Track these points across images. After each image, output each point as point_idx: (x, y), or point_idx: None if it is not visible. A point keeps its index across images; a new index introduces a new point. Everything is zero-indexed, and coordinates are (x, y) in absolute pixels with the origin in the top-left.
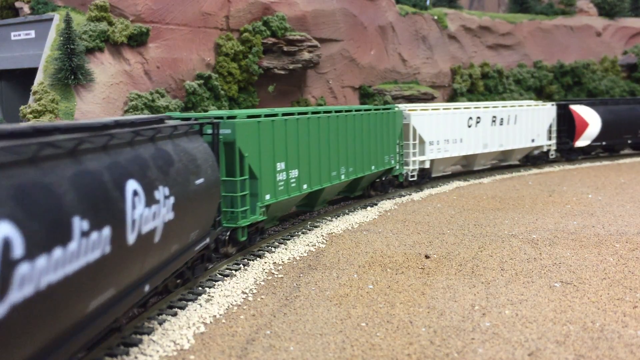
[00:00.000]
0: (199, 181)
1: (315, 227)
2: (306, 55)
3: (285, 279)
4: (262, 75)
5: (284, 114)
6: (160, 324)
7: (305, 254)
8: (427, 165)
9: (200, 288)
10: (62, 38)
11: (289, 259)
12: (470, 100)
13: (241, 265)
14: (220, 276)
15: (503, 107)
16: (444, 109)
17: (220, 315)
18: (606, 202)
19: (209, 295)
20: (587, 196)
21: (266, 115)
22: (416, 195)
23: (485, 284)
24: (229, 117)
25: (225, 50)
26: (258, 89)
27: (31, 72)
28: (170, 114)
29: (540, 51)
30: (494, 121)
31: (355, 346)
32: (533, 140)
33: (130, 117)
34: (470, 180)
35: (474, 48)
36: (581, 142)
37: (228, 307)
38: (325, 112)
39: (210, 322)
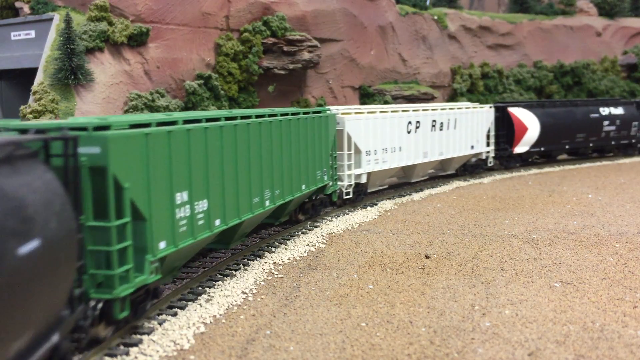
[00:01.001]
0: (29, 247)
1: (315, 227)
2: (306, 55)
3: (285, 279)
4: (262, 75)
5: (186, 121)
6: (160, 324)
7: (305, 254)
8: (363, 179)
9: (200, 288)
10: (62, 38)
11: (289, 259)
12: (470, 100)
13: (241, 265)
14: (220, 276)
15: (442, 109)
16: (380, 111)
17: (220, 315)
18: (606, 202)
19: (208, 295)
20: (587, 196)
21: (159, 124)
22: (416, 195)
23: (485, 284)
24: (98, 128)
25: (225, 50)
26: (258, 89)
27: (31, 72)
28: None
29: (540, 51)
30: (433, 126)
31: (355, 346)
32: (472, 147)
33: None
34: (470, 180)
35: (474, 48)
36: (520, 148)
37: (228, 307)
38: (243, 117)
39: (210, 322)
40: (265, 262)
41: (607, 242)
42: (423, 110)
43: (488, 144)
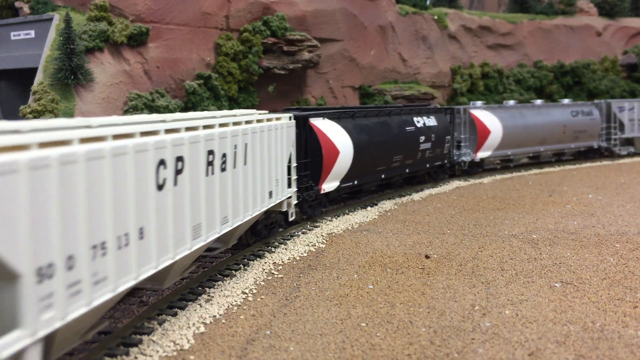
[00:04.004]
0: None
1: (315, 227)
2: (306, 55)
3: (285, 279)
4: (262, 75)
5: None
6: (160, 324)
7: (305, 254)
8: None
9: (200, 288)
10: (62, 38)
11: (289, 259)
12: (470, 100)
13: (241, 266)
14: (220, 276)
15: (223, 124)
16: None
17: (220, 315)
18: (606, 202)
19: (208, 295)
20: (587, 196)
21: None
22: (416, 195)
23: (486, 284)
24: None
25: (225, 50)
26: (258, 89)
27: (31, 72)
28: None
29: (541, 51)
30: (210, 164)
31: (355, 346)
32: (271, 194)
33: None
34: (470, 180)
35: (474, 48)
36: (329, 184)
37: (228, 307)
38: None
39: (210, 322)
40: (265, 262)
41: (608, 242)
42: (186, 128)
43: (290, 183)
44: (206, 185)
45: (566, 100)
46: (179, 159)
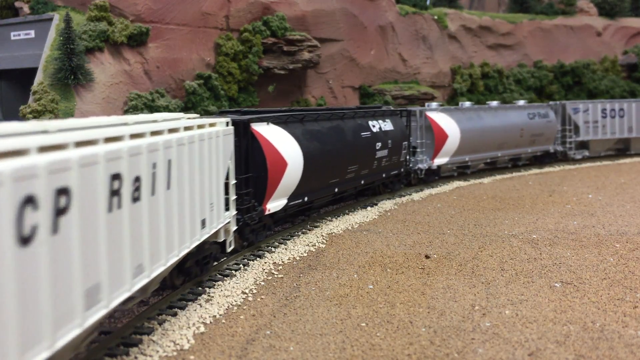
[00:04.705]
0: None
1: (315, 227)
2: (306, 55)
3: (285, 279)
4: (262, 75)
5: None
6: (160, 324)
7: (305, 254)
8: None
9: (200, 288)
10: (61, 38)
11: (289, 259)
12: (470, 100)
13: (241, 266)
14: (220, 276)
15: (134, 135)
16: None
17: (220, 315)
18: (606, 202)
19: (208, 296)
20: (588, 196)
21: None
22: (416, 196)
23: (486, 284)
24: None
25: (225, 50)
26: (258, 89)
27: (31, 72)
28: None
29: (541, 51)
30: (114, 194)
31: (355, 346)
32: (204, 224)
33: None
34: (471, 180)
35: (474, 48)
36: (275, 203)
37: (228, 307)
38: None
39: (210, 322)
40: (265, 262)
41: (608, 242)
42: (77, 143)
43: (228, 205)
44: (109, 226)
45: (522, 102)
46: (62, 191)
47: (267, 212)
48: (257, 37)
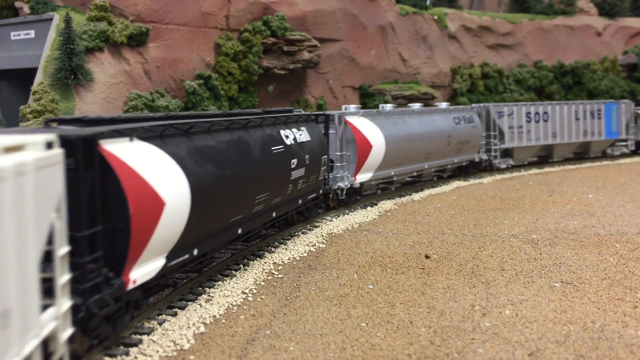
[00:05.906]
0: None
1: (315, 227)
2: (306, 55)
3: (285, 279)
4: (262, 75)
5: None
6: (160, 324)
7: (305, 254)
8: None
9: (200, 288)
10: (61, 38)
11: (289, 259)
12: (470, 100)
13: (241, 266)
14: (220, 276)
15: None
16: None
17: (220, 315)
18: (606, 202)
19: (208, 296)
20: (588, 196)
21: None
22: (416, 196)
23: (486, 284)
24: None
25: (225, 50)
26: (258, 89)
27: (31, 72)
28: None
29: (541, 51)
30: None
31: (355, 346)
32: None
33: None
34: (471, 180)
35: (474, 48)
36: (143, 269)
37: (228, 307)
38: None
39: (210, 322)
40: (265, 262)
41: (608, 242)
42: None
43: (52, 294)
44: None
45: (444, 104)
46: None
47: (131, 286)
48: (257, 37)
